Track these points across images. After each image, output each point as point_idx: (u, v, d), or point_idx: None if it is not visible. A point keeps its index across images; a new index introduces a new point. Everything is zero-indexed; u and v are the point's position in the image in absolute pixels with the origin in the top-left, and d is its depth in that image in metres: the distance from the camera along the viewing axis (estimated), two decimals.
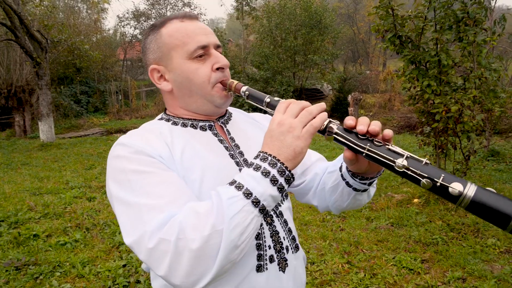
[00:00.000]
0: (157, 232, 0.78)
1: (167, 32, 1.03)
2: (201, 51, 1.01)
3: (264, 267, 0.98)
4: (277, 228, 1.03)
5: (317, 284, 3.16)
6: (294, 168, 0.84)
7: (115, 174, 0.90)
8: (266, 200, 0.79)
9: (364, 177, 0.98)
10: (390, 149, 0.80)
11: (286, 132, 0.82)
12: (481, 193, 0.71)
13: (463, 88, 4.62)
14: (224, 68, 1.05)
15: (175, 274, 0.76)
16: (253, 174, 0.80)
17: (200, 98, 1.04)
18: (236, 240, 0.76)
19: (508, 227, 0.68)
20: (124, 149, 0.92)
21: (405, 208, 4.84)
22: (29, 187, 6.26)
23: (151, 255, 0.78)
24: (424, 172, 0.75)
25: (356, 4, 32.99)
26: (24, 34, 10.41)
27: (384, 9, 4.55)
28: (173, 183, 0.87)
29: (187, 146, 0.99)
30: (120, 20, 30.71)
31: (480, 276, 3.21)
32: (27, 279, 3.27)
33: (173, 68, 1.03)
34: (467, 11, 4.34)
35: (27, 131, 14.73)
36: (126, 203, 0.85)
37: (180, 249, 0.75)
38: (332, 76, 17.39)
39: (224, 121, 1.13)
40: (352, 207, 1.11)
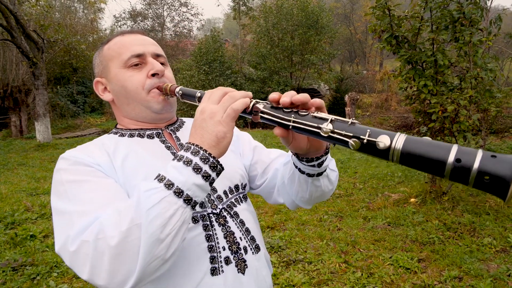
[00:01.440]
0: (79, 235, 0.76)
1: (107, 47, 1.09)
2: (135, 60, 1.04)
3: (220, 269, 0.95)
4: (231, 228, 1.01)
5: (314, 283, 3.17)
6: (221, 154, 0.81)
7: (55, 186, 0.90)
8: (190, 190, 0.76)
9: (309, 159, 0.94)
10: (315, 116, 0.77)
11: (208, 119, 0.81)
12: (410, 142, 0.65)
13: (460, 88, 4.64)
14: (160, 74, 1.05)
15: (98, 275, 0.74)
16: (175, 165, 0.78)
17: (137, 105, 1.05)
18: (158, 233, 0.73)
19: (446, 173, 0.61)
20: (64, 162, 0.93)
21: (402, 207, 4.86)
22: (25, 188, 6.24)
23: (74, 259, 0.77)
24: (350, 131, 0.71)
25: (353, 4, 33.06)
26: (20, 34, 10.37)
27: (380, 9, 4.57)
28: (108, 189, 0.87)
29: (131, 153, 0.99)
30: (117, 20, 30.63)
31: (476, 275, 3.23)
32: (24, 280, 3.27)
33: (111, 78, 1.06)
34: (463, 12, 4.36)
35: (23, 132, 14.69)
36: (60, 212, 0.85)
37: (100, 248, 0.73)
38: (329, 76, 17.42)
39: (174, 129, 1.13)
40: (317, 196, 1.05)
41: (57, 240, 0.82)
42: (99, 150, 0.98)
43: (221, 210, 1.02)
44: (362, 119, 15.49)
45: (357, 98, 13.27)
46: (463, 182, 0.59)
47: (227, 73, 16.01)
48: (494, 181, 0.57)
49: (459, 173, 0.59)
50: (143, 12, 30.35)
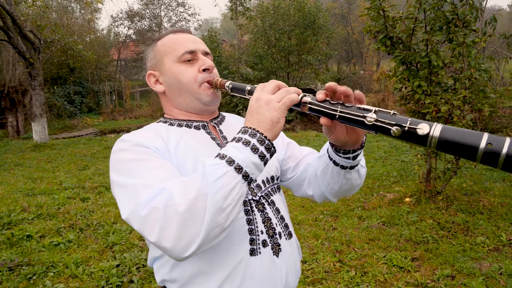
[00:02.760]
0: (149, 202, 0.84)
1: (161, 43, 1.20)
2: (188, 56, 1.14)
3: (258, 251, 1.05)
4: (269, 215, 1.11)
5: (308, 282, 3.20)
6: (274, 138, 0.89)
7: (116, 164, 0.99)
8: (248, 167, 0.84)
9: (346, 151, 1.03)
10: (359, 107, 0.85)
11: (263, 105, 0.89)
12: (447, 130, 0.73)
13: (454, 88, 4.68)
14: (210, 70, 1.16)
15: (166, 238, 0.82)
16: (235, 145, 0.86)
17: (188, 97, 1.16)
18: (221, 203, 0.81)
19: (478, 157, 0.69)
20: (124, 143, 1.03)
21: (397, 207, 4.89)
22: (22, 188, 6.24)
23: (144, 223, 0.84)
24: (393, 120, 0.79)
25: (350, 4, 33.12)
26: (16, 34, 10.36)
27: (375, 10, 4.60)
28: (166, 168, 0.95)
29: (181, 140, 1.09)
30: (114, 20, 30.58)
31: (468, 273, 3.27)
32: (21, 280, 3.28)
33: (165, 71, 1.17)
34: (456, 13, 4.40)
35: (20, 132, 14.66)
36: (124, 186, 0.93)
37: (169, 214, 0.81)
38: (326, 76, 17.45)
39: (217, 122, 1.23)
40: (346, 189, 1.14)
41: (124, 209, 0.91)
42: (155, 135, 1.07)
43: (260, 198, 1.12)
44: None
45: None
46: (492, 165, 0.68)
47: (224, 73, 16.02)
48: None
49: (489, 157, 0.68)
50: (140, 12, 30.31)
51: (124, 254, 3.71)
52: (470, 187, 5.58)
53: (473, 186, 5.67)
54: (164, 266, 1.09)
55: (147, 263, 3.50)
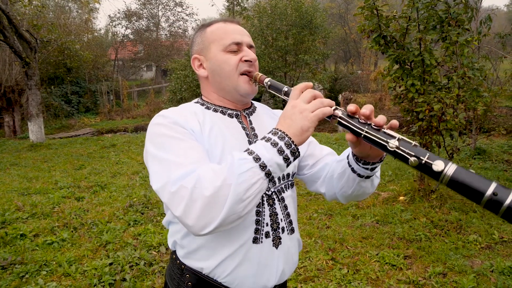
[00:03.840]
0: (179, 180, 0.93)
1: (210, 30, 1.24)
2: (234, 46, 1.20)
3: (260, 240, 1.14)
4: (276, 210, 1.19)
5: (300, 280, 3.21)
6: (301, 143, 0.96)
7: (154, 137, 1.08)
8: (272, 166, 0.92)
9: (366, 162, 1.09)
10: (385, 132, 0.91)
11: (297, 113, 0.96)
12: (460, 171, 0.79)
13: (447, 87, 4.70)
14: (252, 62, 1.21)
15: (189, 216, 0.91)
16: (264, 144, 0.94)
17: (228, 85, 1.21)
18: (242, 194, 0.89)
19: (482, 202, 0.75)
20: (164, 119, 1.10)
21: (391, 205, 4.91)
22: (17, 187, 6.24)
23: (172, 198, 0.94)
24: (412, 151, 0.85)
25: (348, 4, 33.17)
26: (13, 34, 10.34)
27: (369, 9, 4.61)
28: (198, 151, 1.04)
29: (215, 126, 1.16)
30: (112, 20, 30.55)
31: (460, 271, 3.28)
32: (13, 278, 3.28)
33: (210, 58, 1.22)
34: (450, 12, 4.41)
35: (16, 132, 14.64)
36: (158, 159, 1.02)
37: (195, 195, 0.90)
38: (323, 76, 17.47)
39: (249, 113, 1.30)
40: (357, 194, 1.21)
41: (156, 181, 1.00)
42: (192, 118, 1.14)
43: (272, 193, 1.20)
44: None
45: (350, 97, 13.33)
46: (494, 212, 0.75)
47: None
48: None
49: (492, 205, 0.75)
50: (138, 12, 30.29)
51: (117, 253, 3.71)
52: None
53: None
54: (178, 232, 1.20)
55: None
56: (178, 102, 16.06)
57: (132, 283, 3.20)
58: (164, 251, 3.79)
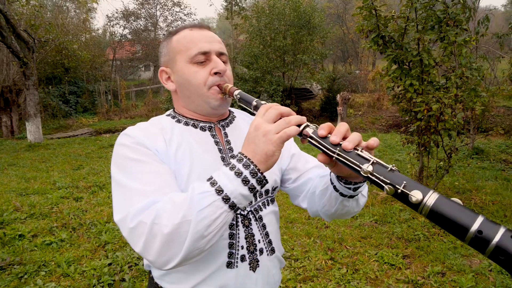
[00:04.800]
0: (138, 215, 0.89)
1: (176, 39, 1.16)
2: (201, 57, 1.12)
3: (235, 264, 1.08)
4: (253, 231, 1.12)
5: (300, 280, 3.21)
6: (268, 169, 0.89)
7: (117, 159, 1.03)
8: (236, 198, 0.86)
9: (348, 181, 1.00)
10: (359, 154, 0.82)
11: (260, 136, 0.88)
12: (441, 202, 0.70)
13: (445, 87, 4.71)
14: (222, 73, 1.13)
15: (149, 252, 0.87)
16: (228, 173, 0.87)
17: (197, 99, 1.14)
18: (203, 231, 0.85)
19: (466, 239, 0.66)
20: (128, 139, 1.05)
21: (389, 205, 4.92)
22: (15, 188, 6.22)
23: (131, 234, 0.90)
24: (388, 178, 0.76)
25: (346, 4, 33.19)
26: (10, 33, 10.30)
27: (367, 9, 4.62)
28: (162, 175, 0.99)
29: (183, 143, 1.10)
30: (109, 19, 30.51)
31: (459, 270, 3.30)
32: (12, 279, 3.28)
33: (177, 71, 1.15)
34: (448, 12, 4.42)
35: (14, 132, 14.59)
36: (121, 185, 0.97)
37: (154, 232, 0.86)
38: (321, 76, 17.48)
39: (224, 124, 1.22)
40: (341, 213, 1.13)
41: (117, 212, 0.95)
42: (158, 135, 1.09)
43: (248, 213, 1.13)
44: (354, 119, 15.58)
45: (348, 97, 13.33)
46: (480, 251, 0.65)
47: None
48: (509, 259, 0.62)
49: (478, 243, 0.65)
50: (136, 12, 30.24)
51: (116, 253, 3.71)
52: (462, 185, 5.62)
53: (465, 184, 5.71)
54: None
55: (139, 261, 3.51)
56: None
57: (131, 283, 3.20)
58: None
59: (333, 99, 15.97)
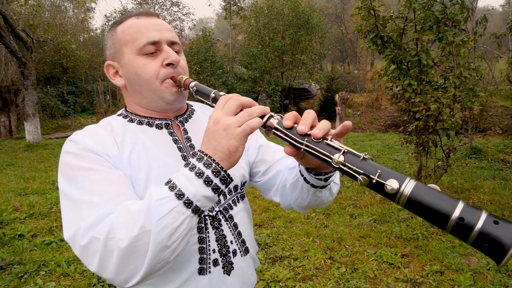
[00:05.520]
0: (90, 230, 0.79)
1: (121, 29, 1.04)
2: (151, 47, 1.01)
3: (207, 270, 1.00)
4: (224, 232, 1.04)
5: (299, 279, 3.23)
6: (231, 167, 0.82)
7: (64, 169, 0.91)
8: (199, 201, 0.78)
9: (318, 172, 0.94)
10: (329, 144, 0.76)
11: (221, 131, 0.80)
12: (419, 190, 0.65)
13: (444, 87, 4.73)
14: (175, 64, 1.03)
15: (106, 270, 0.78)
16: (187, 174, 0.79)
17: (150, 94, 1.03)
18: (166, 241, 0.76)
19: (447, 227, 0.63)
20: (74, 145, 0.93)
21: (388, 205, 4.94)
22: (14, 188, 6.22)
23: (83, 252, 0.80)
24: (361, 168, 0.71)
25: (344, 4, 33.23)
26: (8, 33, 10.29)
27: (366, 9, 4.64)
28: (116, 182, 0.89)
29: (138, 144, 1.00)
30: (108, 19, 30.44)
31: (457, 269, 3.31)
32: (12, 278, 3.28)
33: (124, 64, 1.03)
34: (446, 13, 4.45)
35: (12, 132, 14.57)
36: (69, 198, 0.87)
37: (110, 247, 0.76)
38: (319, 76, 17.51)
39: (183, 120, 1.12)
40: (315, 204, 1.07)
41: (66, 228, 0.84)
42: (108, 138, 0.98)
43: (217, 213, 1.04)
44: (353, 118, 15.60)
45: (347, 97, 13.36)
46: (463, 239, 0.62)
47: (218, 73, 16.01)
48: (493, 246, 0.59)
49: (460, 231, 0.62)
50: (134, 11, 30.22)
51: None
52: (460, 185, 5.64)
53: (464, 183, 5.73)
54: None
55: None
56: None
57: None
58: None
59: (331, 99, 15.99)
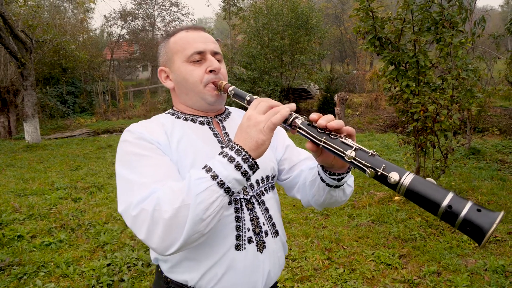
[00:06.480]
0: (140, 203, 0.95)
1: (173, 40, 1.24)
2: (197, 56, 1.20)
3: (243, 246, 1.13)
4: (257, 214, 1.18)
5: (297, 279, 3.24)
6: (259, 156, 0.96)
7: (120, 155, 1.09)
8: (230, 183, 0.93)
9: (332, 172, 1.10)
10: (343, 141, 0.91)
11: (252, 126, 0.95)
12: (416, 182, 0.80)
13: (442, 88, 4.75)
14: (217, 71, 1.21)
15: (152, 238, 0.93)
16: (221, 160, 0.94)
17: (194, 96, 1.22)
18: (202, 214, 0.90)
19: (438, 213, 0.76)
20: (130, 135, 1.12)
21: (386, 205, 4.95)
22: (13, 189, 6.23)
23: (134, 222, 0.96)
24: (369, 162, 0.86)
25: (343, 4, 33.25)
26: (8, 34, 10.29)
27: (364, 11, 4.66)
28: (163, 166, 1.05)
29: (184, 136, 1.17)
30: (107, 20, 30.48)
31: (454, 270, 3.33)
32: (11, 279, 3.29)
33: (174, 70, 1.23)
34: (443, 14, 4.46)
35: (12, 132, 14.56)
36: (123, 179, 1.04)
37: (156, 218, 0.92)
38: (319, 76, 17.51)
39: (221, 118, 1.30)
40: (330, 202, 1.22)
41: (120, 203, 1.02)
42: (160, 130, 1.16)
43: (251, 197, 1.19)
44: (352, 119, 15.62)
45: (346, 98, 13.38)
46: (450, 224, 0.75)
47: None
48: (474, 230, 0.73)
49: (448, 217, 0.75)
50: (134, 12, 30.20)
51: (115, 254, 3.73)
52: (458, 185, 5.66)
53: (462, 184, 5.75)
54: None
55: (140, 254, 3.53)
56: None
57: (130, 283, 3.22)
58: None
59: (330, 99, 16.01)
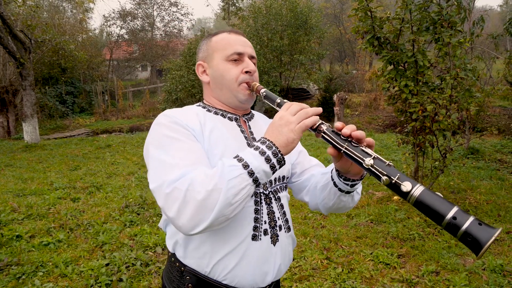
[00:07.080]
0: (174, 182, 1.00)
1: (215, 39, 1.33)
2: (236, 56, 1.28)
3: (259, 237, 1.20)
4: (273, 208, 1.26)
5: (295, 279, 3.24)
6: (287, 153, 1.04)
7: (155, 136, 1.14)
8: (259, 173, 1.00)
9: (347, 178, 1.18)
10: (363, 150, 0.99)
11: (284, 125, 1.04)
12: (426, 194, 0.87)
13: (440, 88, 4.76)
14: (252, 73, 1.29)
15: (180, 217, 0.98)
16: (253, 152, 1.02)
17: (228, 92, 1.30)
18: (231, 198, 0.97)
19: (443, 224, 0.84)
20: (166, 118, 1.17)
21: (385, 205, 4.96)
22: (12, 189, 6.23)
23: (166, 199, 1.00)
24: (385, 170, 0.93)
25: (342, 4, 33.25)
26: (7, 34, 10.29)
27: (362, 11, 4.66)
28: (195, 152, 1.10)
29: (216, 127, 1.24)
30: (106, 19, 30.49)
31: (452, 269, 3.34)
32: (10, 279, 3.29)
33: (213, 66, 1.31)
34: (442, 14, 4.47)
35: (11, 132, 14.56)
36: (157, 159, 1.08)
37: (188, 198, 0.97)
38: (318, 76, 17.51)
39: (248, 118, 1.39)
40: (337, 207, 1.30)
41: (153, 181, 1.06)
42: (194, 118, 1.22)
43: (269, 193, 1.26)
44: (351, 119, 15.63)
45: (345, 98, 13.37)
46: (453, 234, 0.83)
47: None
48: (474, 241, 0.80)
49: (451, 228, 0.83)
50: (133, 12, 30.21)
51: (113, 253, 3.73)
52: (457, 185, 5.67)
53: (460, 184, 5.76)
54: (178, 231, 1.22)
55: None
56: (173, 102, 16.01)
57: (129, 283, 3.22)
58: (160, 252, 3.81)
59: (330, 99, 15.99)
